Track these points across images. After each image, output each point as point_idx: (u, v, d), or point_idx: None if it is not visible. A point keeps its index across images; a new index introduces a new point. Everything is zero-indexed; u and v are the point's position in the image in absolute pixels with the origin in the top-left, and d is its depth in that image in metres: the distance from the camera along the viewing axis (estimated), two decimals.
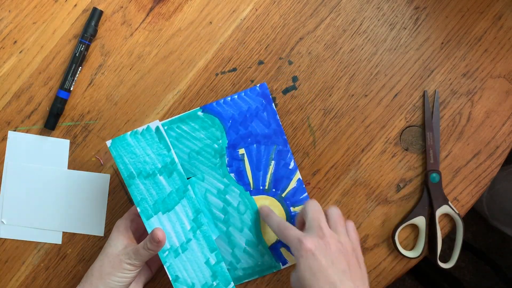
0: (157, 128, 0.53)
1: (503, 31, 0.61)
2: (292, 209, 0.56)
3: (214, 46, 0.61)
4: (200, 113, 0.54)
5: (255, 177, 0.55)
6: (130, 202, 0.61)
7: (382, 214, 0.61)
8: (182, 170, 0.53)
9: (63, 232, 0.61)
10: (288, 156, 0.55)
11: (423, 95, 0.58)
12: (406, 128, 0.61)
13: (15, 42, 0.60)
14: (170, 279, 0.53)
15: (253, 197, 0.56)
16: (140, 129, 0.53)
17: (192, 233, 0.53)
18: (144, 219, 0.52)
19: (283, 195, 0.56)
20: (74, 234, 0.61)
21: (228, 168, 0.55)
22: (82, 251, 0.61)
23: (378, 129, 0.61)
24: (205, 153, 0.56)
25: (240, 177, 0.55)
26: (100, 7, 0.60)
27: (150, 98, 0.61)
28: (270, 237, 0.57)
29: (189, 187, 0.53)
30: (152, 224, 0.52)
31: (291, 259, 0.58)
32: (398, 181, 0.61)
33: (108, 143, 0.53)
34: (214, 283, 0.53)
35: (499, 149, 0.61)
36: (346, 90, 0.61)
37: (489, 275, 1.25)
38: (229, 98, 0.54)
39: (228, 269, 0.57)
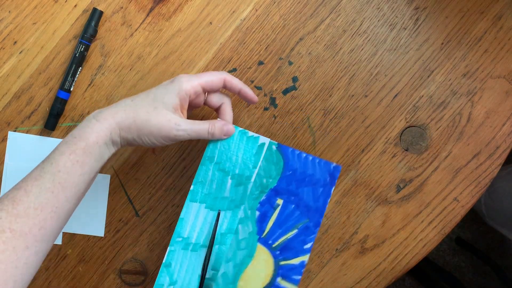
0: (263, 144, 0.54)
1: (503, 32, 0.61)
2: (278, 279, 0.55)
3: (214, 46, 0.61)
4: (274, 147, 0.54)
5: (272, 231, 0.55)
6: (130, 202, 0.61)
7: (382, 215, 0.61)
8: (250, 191, 0.54)
9: (63, 232, 0.61)
10: (311, 237, 0.55)
11: None
12: (406, 128, 0.61)
13: (15, 42, 0.60)
14: (164, 261, 0.52)
15: (258, 244, 0.55)
16: (250, 133, 0.54)
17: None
18: (188, 199, 0.53)
19: (281, 263, 0.55)
20: (74, 234, 0.61)
21: (259, 204, 0.55)
22: (82, 252, 0.61)
23: (378, 129, 0.61)
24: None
25: (262, 220, 0.55)
26: (100, 8, 0.60)
27: None
28: (244, 286, 0.55)
29: (242, 207, 0.54)
30: (189, 208, 0.53)
31: None
32: (398, 182, 0.61)
33: None
34: None
35: (499, 150, 0.61)
36: (346, 90, 0.61)
37: (489, 275, 1.25)
38: (304, 155, 0.54)
39: None
